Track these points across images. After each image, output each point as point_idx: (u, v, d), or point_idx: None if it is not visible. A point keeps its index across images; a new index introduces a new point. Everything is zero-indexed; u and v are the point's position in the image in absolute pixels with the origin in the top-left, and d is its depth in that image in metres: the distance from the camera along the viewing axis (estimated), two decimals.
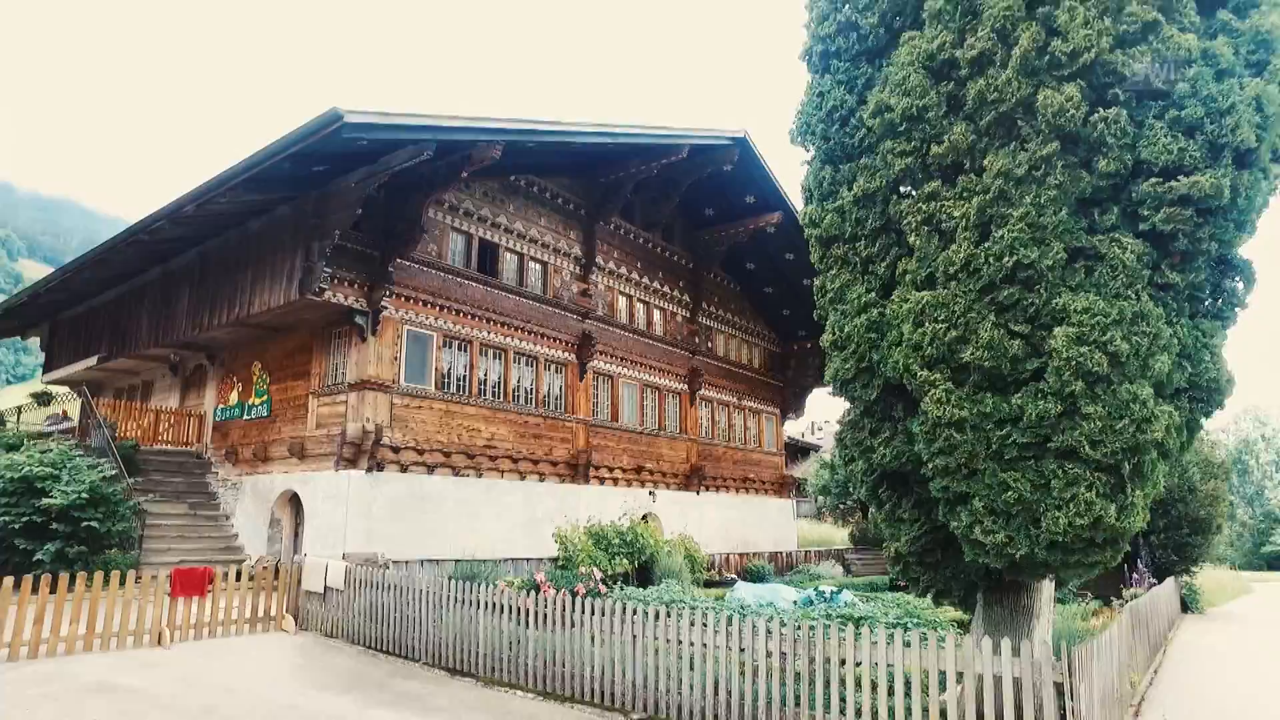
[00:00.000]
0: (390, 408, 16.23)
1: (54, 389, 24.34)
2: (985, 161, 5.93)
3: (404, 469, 16.25)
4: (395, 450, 16.13)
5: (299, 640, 11.17)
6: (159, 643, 10.39)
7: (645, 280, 23.17)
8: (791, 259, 25.32)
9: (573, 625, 8.63)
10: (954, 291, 5.88)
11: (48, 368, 24.61)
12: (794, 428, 43.82)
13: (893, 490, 7.01)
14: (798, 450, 46.13)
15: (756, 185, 22.99)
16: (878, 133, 6.74)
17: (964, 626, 12.92)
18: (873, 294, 6.75)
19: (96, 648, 9.96)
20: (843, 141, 7.24)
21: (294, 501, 16.89)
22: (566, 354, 20.25)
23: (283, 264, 16.05)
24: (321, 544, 15.45)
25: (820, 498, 36.05)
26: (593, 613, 8.51)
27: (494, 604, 9.41)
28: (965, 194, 6.06)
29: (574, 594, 11.76)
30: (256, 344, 18.84)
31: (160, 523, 16.37)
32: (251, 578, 11.74)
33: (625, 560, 16.75)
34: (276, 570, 11.96)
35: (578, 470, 19.90)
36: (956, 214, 6.03)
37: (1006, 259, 5.63)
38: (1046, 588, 6.82)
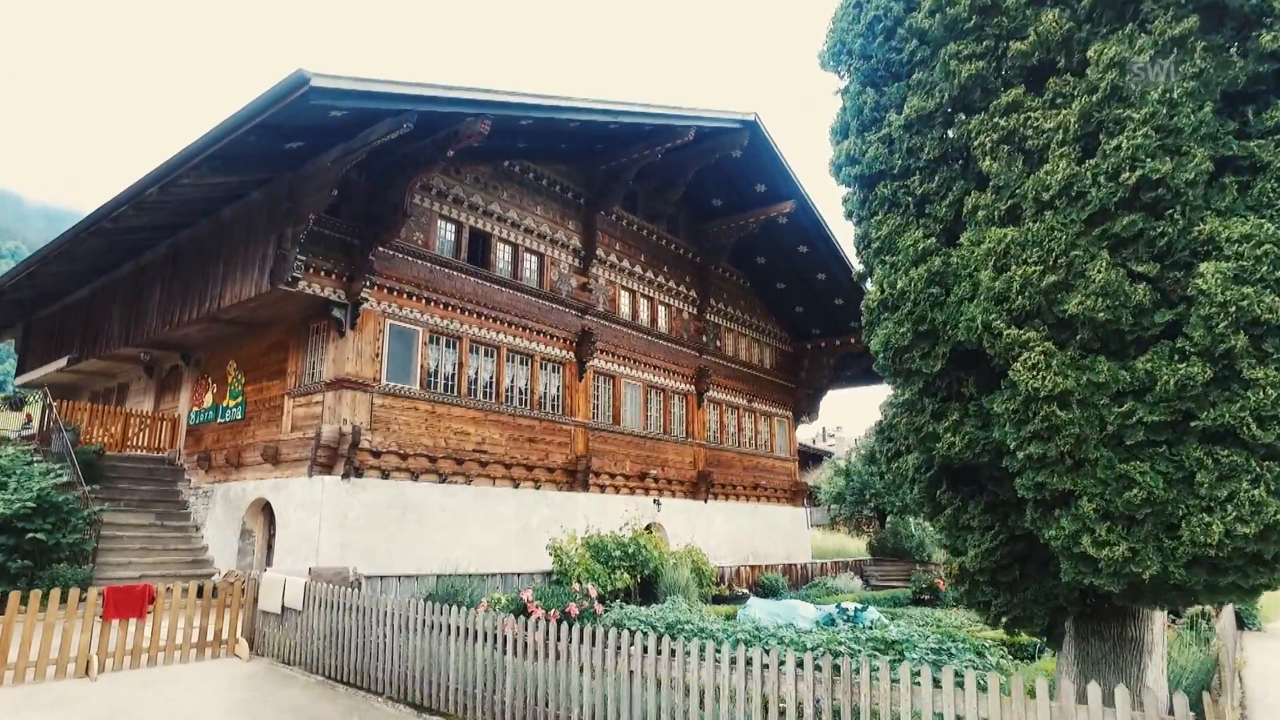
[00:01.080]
0: (370, 408, 14.76)
1: (31, 393, 22.99)
2: (1090, 53, 4.44)
3: (385, 475, 14.76)
4: (375, 454, 14.64)
5: (250, 668, 9.66)
6: (86, 673, 8.90)
7: (649, 274, 21.69)
8: (804, 252, 23.82)
9: (558, 656, 7.11)
10: (1049, 224, 4.38)
11: (20, 370, 23.24)
12: (804, 434, 42.19)
13: (956, 490, 5.49)
14: (808, 457, 44.50)
15: (767, 173, 21.52)
16: (935, 38, 5.26)
17: (1016, 651, 11.34)
18: (932, 239, 5.24)
19: (9, 680, 8.48)
20: (887, 58, 5.75)
21: (267, 511, 15.41)
22: (564, 352, 18.77)
23: (255, 253, 14.63)
24: (293, 557, 13.96)
25: (834, 506, 34.42)
26: (582, 641, 6.98)
27: (467, 629, 7.89)
28: (1060, 100, 4.59)
29: (565, 615, 10.25)
30: (232, 342, 17.42)
31: (121, 534, 14.91)
32: (200, 595, 10.24)
33: (626, 574, 15.22)
34: (213, 590, 10.45)
35: (576, 477, 18.39)
36: (1048, 126, 4.55)
37: (1125, 175, 4.14)
38: (1159, 615, 5.31)
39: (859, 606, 14.00)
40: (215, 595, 10.27)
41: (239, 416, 16.64)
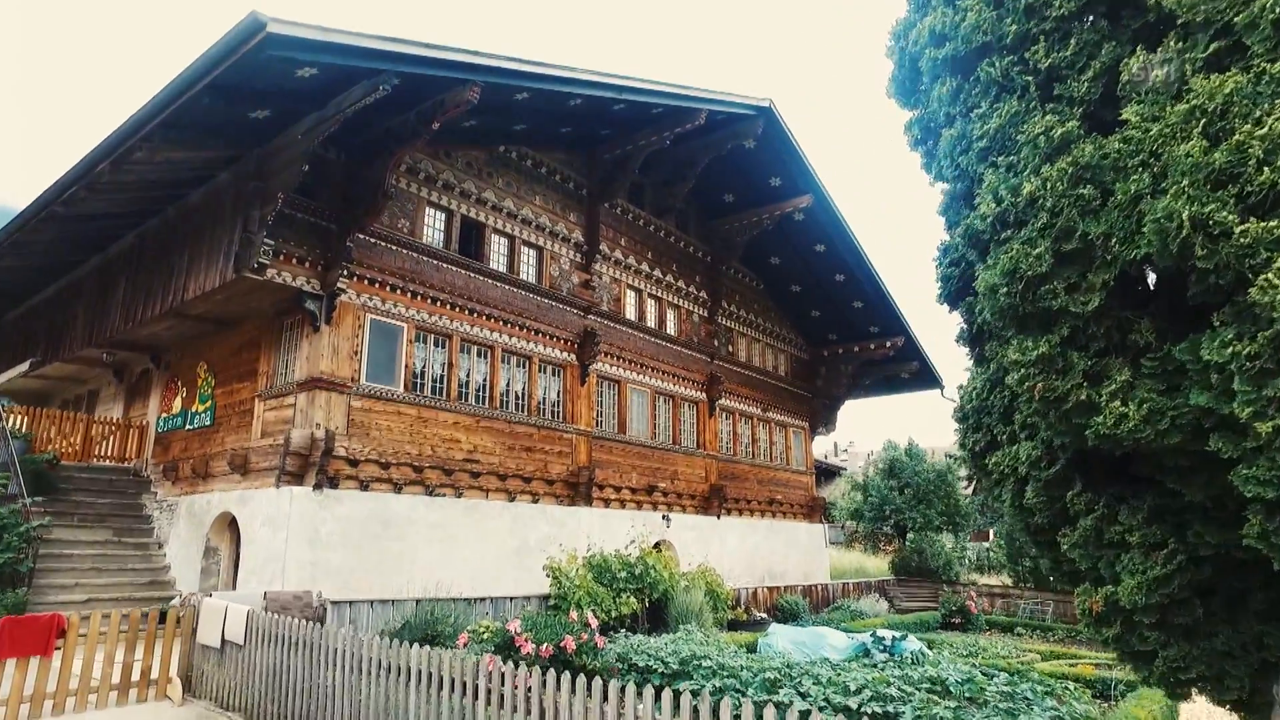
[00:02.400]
0: (347, 411, 13.12)
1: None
2: None
3: (364, 486, 13.09)
4: (353, 463, 12.99)
5: (181, 715, 7.97)
6: None
7: (657, 273, 20.06)
8: (822, 251, 22.17)
9: (543, 714, 5.40)
10: None
11: None
12: (816, 448, 40.33)
13: (1098, 491, 3.81)
14: (821, 473, 42.64)
15: (783, 164, 19.92)
16: None
17: (1099, 691, 9.54)
18: (1072, 125, 3.60)
19: None
20: None
21: (234, 526, 13.75)
22: (565, 354, 17.12)
23: (220, 239, 13.07)
24: (258, 578, 12.28)
25: (851, 523, 32.57)
26: (573, 691, 5.29)
27: (430, 673, 6.19)
28: None
29: (560, 651, 8.53)
30: (202, 342, 15.84)
31: (70, 552, 13.26)
32: (123, 629, 8.57)
33: (633, 598, 13.50)
34: (163, 616, 8.76)
35: (578, 490, 16.68)
36: None
37: None
38: None
39: (897, 635, 12.23)
40: (161, 623, 8.60)
41: (208, 422, 15.03)
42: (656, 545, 17.77)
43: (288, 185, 12.02)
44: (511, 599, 12.71)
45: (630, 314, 19.14)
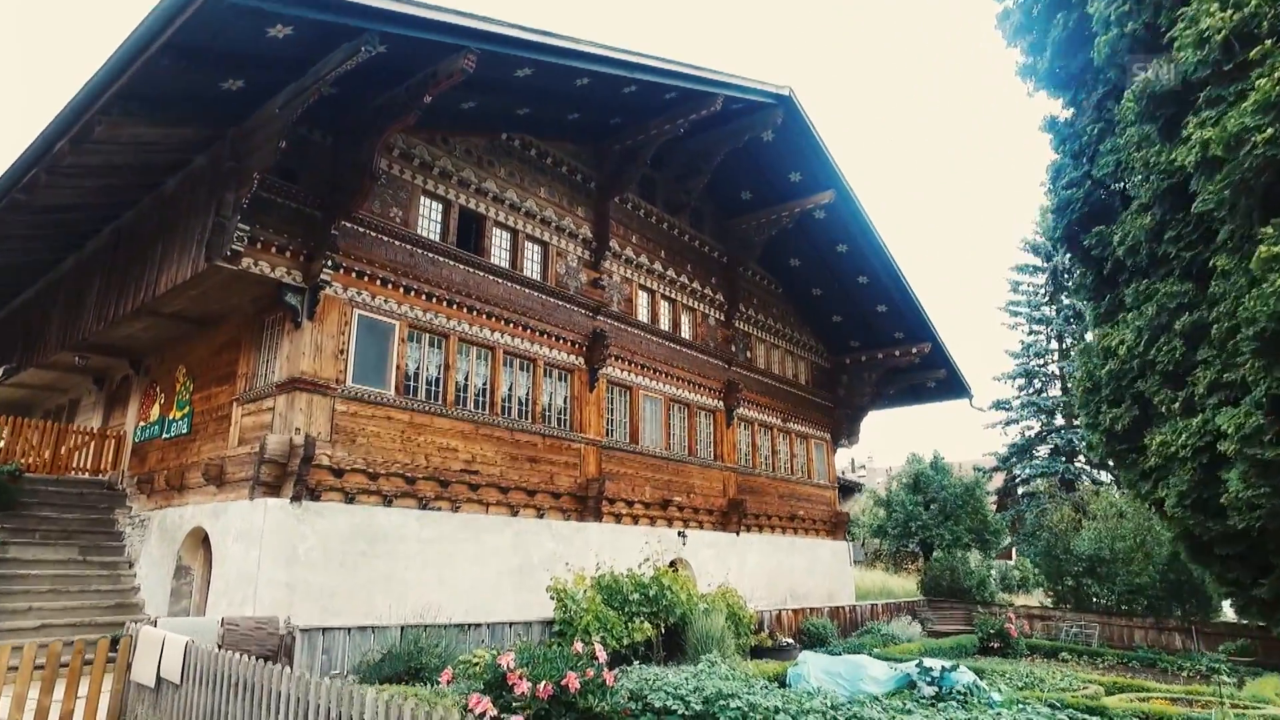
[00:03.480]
0: (331, 415, 11.78)
1: None
2: None
3: (349, 498, 11.73)
4: (337, 472, 11.64)
5: None
6: None
7: (670, 273, 18.72)
8: (844, 251, 20.81)
9: None
10: None
11: None
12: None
13: None
14: (839, 489, 41.01)
15: (804, 158, 18.60)
16: None
17: None
18: None
19: None
20: None
21: (207, 543, 12.39)
22: (573, 357, 15.75)
23: (194, 228, 11.84)
24: (228, 601, 10.91)
25: (874, 540, 30.92)
26: None
27: None
28: None
29: (561, 691, 7.09)
30: (182, 344, 14.59)
31: (26, 572, 11.93)
32: (39, 665, 7.19)
33: (647, 623, 12.02)
34: (115, 644, 7.36)
35: (586, 504, 15.26)
36: None
37: None
38: None
39: (946, 665, 10.69)
40: (113, 652, 7.21)
41: (184, 430, 13.73)
42: (672, 564, 16.30)
43: (264, 164, 10.76)
44: (510, 625, 11.26)
45: (642, 316, 17.78)
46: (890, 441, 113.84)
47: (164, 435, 14.22)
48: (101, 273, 14.39)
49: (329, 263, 11.88)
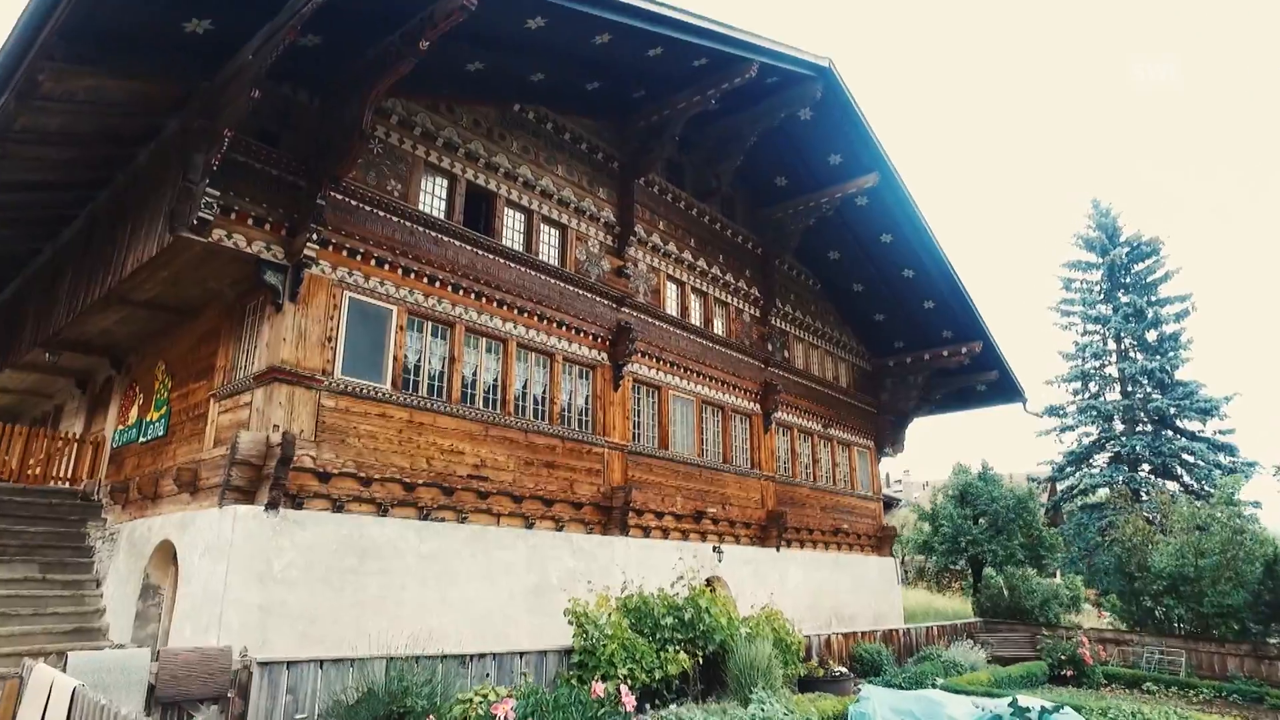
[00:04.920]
0: (316, 411, 10.10)
1: None
2: None
3: (337, 506, 10.01)
4: (323, 476, 9.94)
5: None
6: None
7: (701, 264, 16.94)
8: (888, 242, 18.93)
9: None
10: None
11: None
12: None
13: None
14: None
15: (844, 138, 16.81)
16: None
17: None
18: None
19: None
20: None
21: (177, 559, 10.71)
22: (595, 352, 14.00)
23: (162, 198, 10.28)
24: (193, 626, 9.20)
25: (919, 557, 28.70)
26: None
27: None
28: None
29: None
30: (163, 339, 13.06)
31: None
32: None
33: (683, 653, 10.12)
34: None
35: (611, 515, 13.44)
36: None
37: None
38: None
39: (1047, 706, 8.71)
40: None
41: (161, 432, 12.13)
42: (707, 583, 14.37)
43: (236, 119, 9.17)
44: (522, 655, 9.40)
45: (671, 309, 16.00)
46: (927, 454, 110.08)
47: (140, 439, 12.64)
48: (73, 261, 12.92)
49: (314, 237, 10.24)
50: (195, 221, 9.27)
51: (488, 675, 8.89)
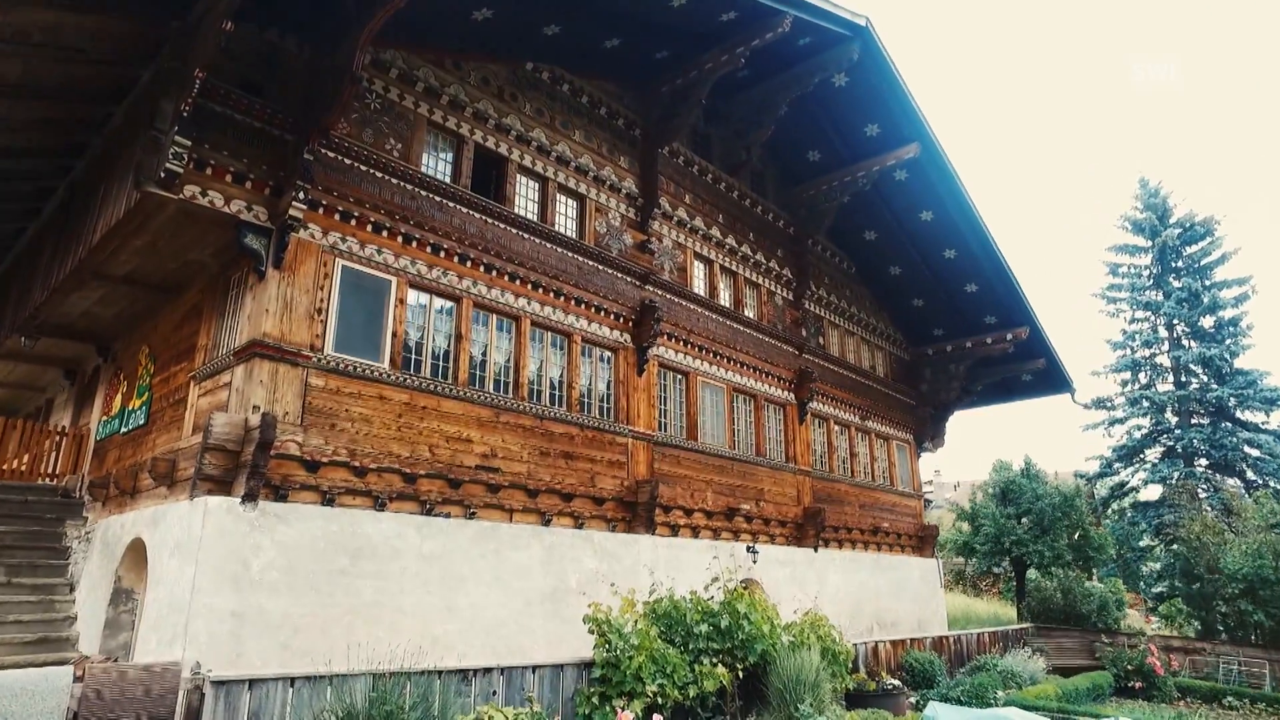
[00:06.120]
0: (303, 391, 8.80)
1: None
2: None
3: (327, 499, 8.71)
4: (310, 465, 8.64)
5: None
6: None
7: (730, 242, 15.54)
8: (928, 220, 17.44)
9: None
10: None
11: None
12: None
13: None
14: None
15: (883, 106, 15.35)
16: None
17: None
18: None
19: None
20: None
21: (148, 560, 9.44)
22: (617, 333, 12.64)
23: (131, 155, 9.06)
24: (159, 637, 7.91)
25: (960, 559, 27.00)
26: None
27: None
28: None
29: None
30: (147, 320, 11.87)
31: None
32: None
33: (721, 665, 8.69)
34: None
35: (636, 512, 12.05)
36: None
37: None
38: None
39: None
40: None
41: (141, 421, 10.91)
42: (742, 584, 12.92)
43: (207, 57, 7.90)
44: (534, 669, 8.01)
45: (699, 288, 14.61)
46: (956, 453, 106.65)
47: (122, 429, 11.43)
48: (51, 238, 11.77)
49: (301, 196, 8.95)
50: (163, 174, 8.04)
51: (495, 693, 7.51)
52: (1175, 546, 18.33)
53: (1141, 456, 26.41)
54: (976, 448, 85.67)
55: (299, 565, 8.26)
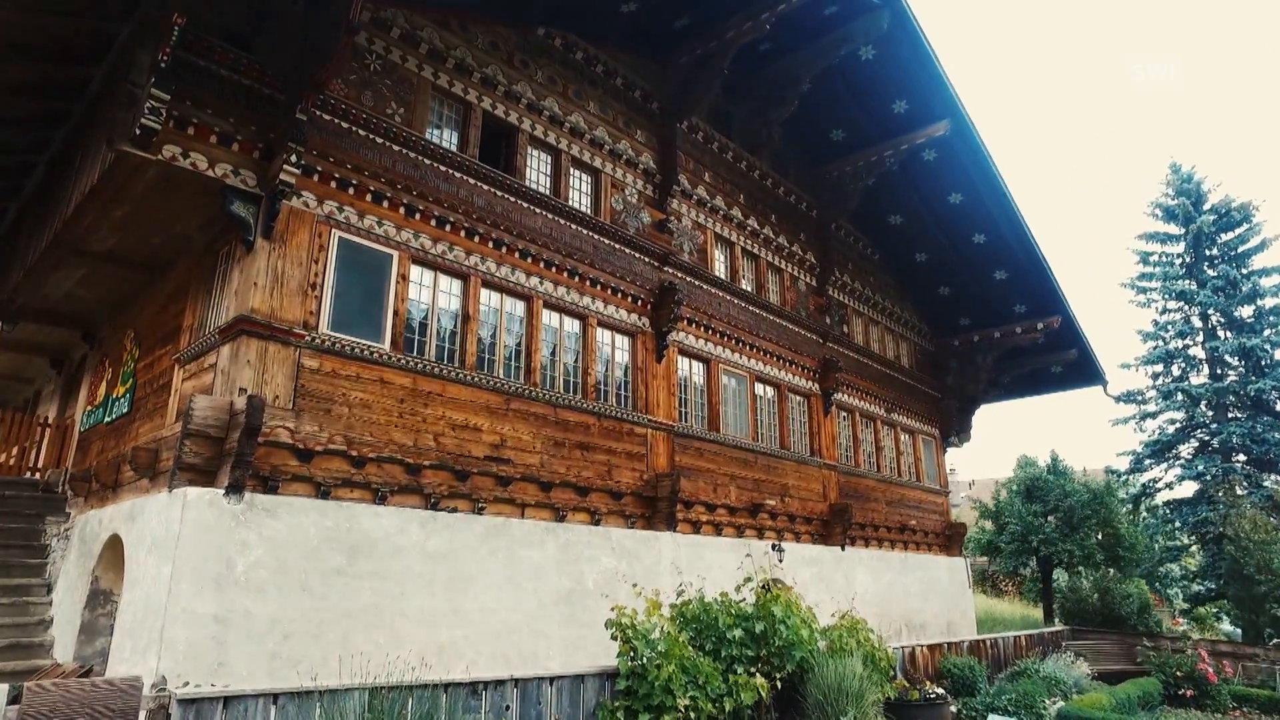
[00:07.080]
0: (295, 373, 7.93)
1: None
2: None
3: (322, 492, 7.84)
4: (303, 454, 7.77)
5: None
6: None
7: (752, 223, 14.64)
8: (958, 203, 16.48)
9: None
10: None
11: None
12: None
13: None
14: None
15: (912, 81, 14.40)
16: None
17: None
18: None
19: None
20: None
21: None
22: (634, 316, 11.76)
23: (107, 116, 8.22)
24: (134, 644, 7.04)
25: (983, 558, 26.00)
26: None
27: None
28: None
29: None
30: (133, 303, 11.04)
31: None
32: None
33: (758, 674, 7.78)
34: None
35: (656, 507, 11.16)
36: None
37: None
38: None
39: None
40: None
41: (125, 410, 10.07)
42: (765, 587, 12.01)
43: (186, 2, 7.06)
44: (552, 681, 7.10)
45: (720, 271, 13.71)
46: (974, 450, 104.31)
47: (106, 419, 10.59)
48: (31, 216, 10.95)
49: (294, 159, 8.08)
50: (139, 130, 7.18)
51: (508, 708, 6.62)
52: (1225, 546, 17.28)
53: (1175, 452, 25.37)
54: (992, 444, 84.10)
55: (290, 564, 7.39)
